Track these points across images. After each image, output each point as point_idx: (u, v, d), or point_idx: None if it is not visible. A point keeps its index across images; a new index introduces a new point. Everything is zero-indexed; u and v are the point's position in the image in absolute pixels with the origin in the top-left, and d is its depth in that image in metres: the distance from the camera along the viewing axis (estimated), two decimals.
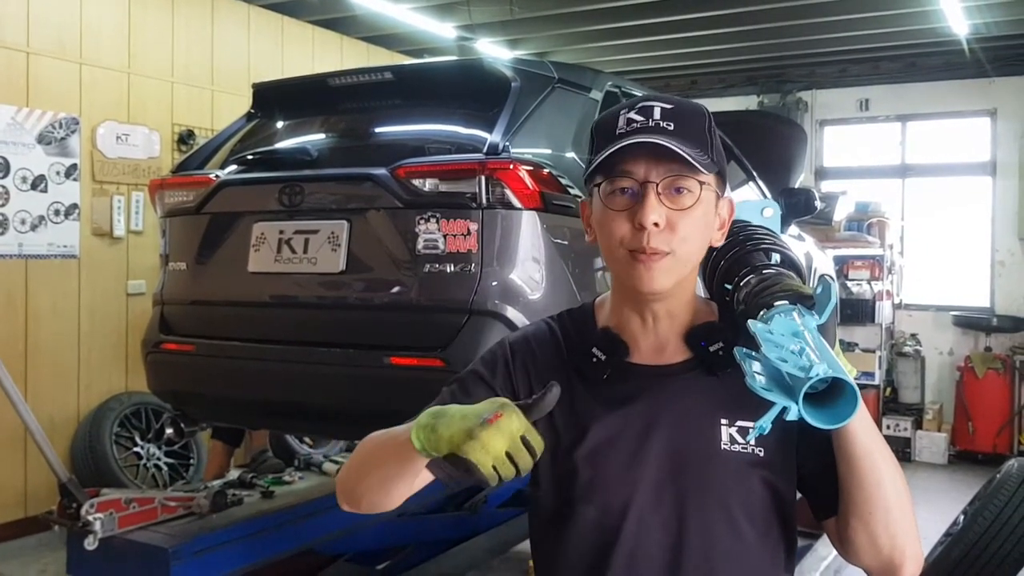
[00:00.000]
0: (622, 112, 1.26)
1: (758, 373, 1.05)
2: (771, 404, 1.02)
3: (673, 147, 1.19)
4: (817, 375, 0.99)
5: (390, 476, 1.24)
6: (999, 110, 7.82)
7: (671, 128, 1.22)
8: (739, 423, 1.23)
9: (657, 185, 1.21)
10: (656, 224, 1.20)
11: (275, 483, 3.85)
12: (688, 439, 1.25)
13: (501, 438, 1.05)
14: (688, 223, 1.22)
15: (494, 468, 1.05)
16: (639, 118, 1.23)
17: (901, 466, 1.22)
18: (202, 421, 3.55)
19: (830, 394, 1.03)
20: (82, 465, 4.92)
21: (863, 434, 1.16)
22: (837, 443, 1.17)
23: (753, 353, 1.05)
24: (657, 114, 1.23)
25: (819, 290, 1.13)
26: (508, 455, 1.06)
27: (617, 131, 1.24)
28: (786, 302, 1.13)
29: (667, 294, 1.26)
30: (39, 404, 4.82)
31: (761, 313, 1.13)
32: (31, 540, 4.73)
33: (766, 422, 1.02)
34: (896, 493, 1.18)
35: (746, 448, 1.23)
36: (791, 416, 1.01)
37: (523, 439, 1.07)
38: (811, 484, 1.28)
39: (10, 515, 4.88)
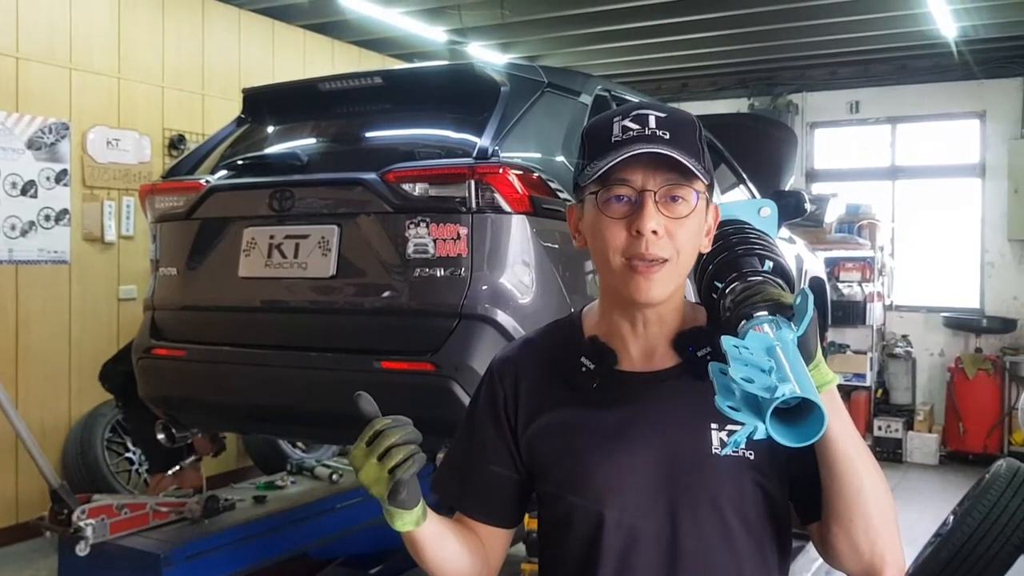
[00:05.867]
0: (615, 119, 1.25)
1: (729, 390, 1.04)
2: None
3: (677, 156, 1.20)
4: (783, 396, 0.99)
5: (423, 558, 1.31)
6: (988, 112, 7.85)
7: (667, 137, 1.22)
8: (729, 427, 1.24)
9: (655, 194, 1.22)
10: (655, 232, 1.20)
11: (268, 488, 3.85)
12: (679, 444, 1.26)
13: (365, 467, 1.20)
14: (684, 231, 1.23)
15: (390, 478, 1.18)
16: (635, 126, 1.23)
17: (893, 467, 1.23)
18: (193, 427, 3.54)
19: (802, 410, 1.03)
20: (74, 471, 4.91)
21: (843, 441, 1.17)
22: (818, 449, 1.18)
23: (726, 370, 1.05)
24: (652, 123, 1.23)
25: (798, 301, 1.11)
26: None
27: (612, 138, 1.23)
28: (765, 313, 1.12)
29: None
30: (30, 410, 4.81)
31: (741, 324, 1.13)
32: (23, 546, 4.73)
33: (740, 438, 1.03)
34: (877, 501, 1.19)
35: (736, 451, 1.23)
36: (759, 435, 1.01)
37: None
38: (797, 488, 1.29)
39: (2, 522, 4.87)
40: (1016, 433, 7.34)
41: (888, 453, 7.53)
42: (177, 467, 3.62)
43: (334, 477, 4.04)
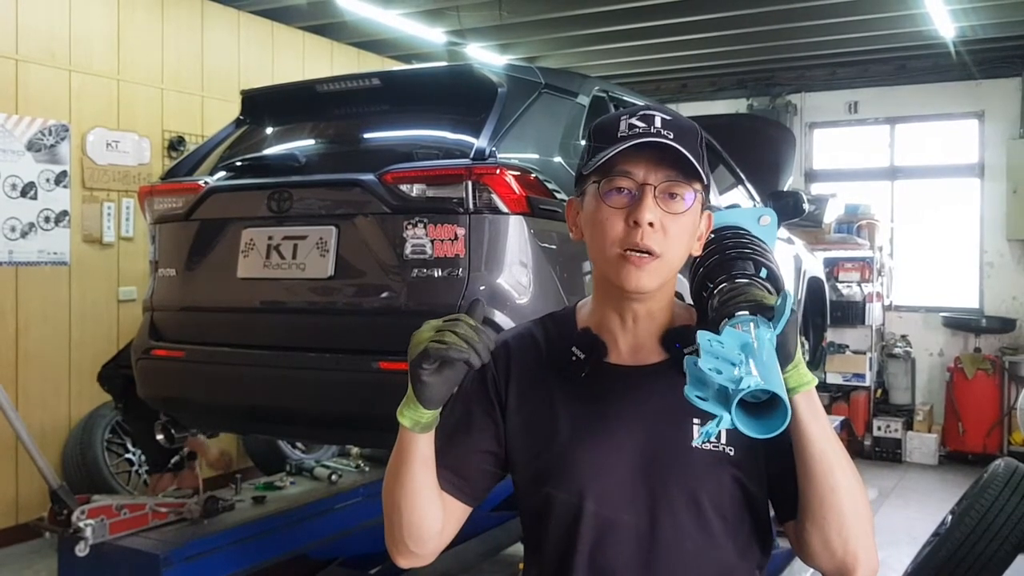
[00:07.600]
0: (623, 118, 1.31)
1: (700, 381, 1.10)
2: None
3: (679, 148, 1.25)
4: (748, 387, 1.04)
5: (404, 476, 1.30)
6: (986, 112, 7.87)
7: (671, 137, 1.27)
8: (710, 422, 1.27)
9: (655, 188, 1.26)
10: (651, 224, 1.25)
11: (267, 488, 3.85)
12: (661, 436, 1.30)
13: (425, 330, 1.24)
14: (678, 228, 1.28)
15: (434, 345, 1.20)
16: (641, 124, 1.28)
17: (892, 467, 1.26)
18: (193, 427, 3.55)
19: (770, 405, 1.09)
20: (73, 472, 4.92)
21: (820, 440, 1.21)
22: (795, 447, 1.23)
23: (698, 363, 1.10)
24: (658, 122, 1.28)
25: (778, 302, 1.17)
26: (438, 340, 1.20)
27: (619, 134, 1.29)
28: (746, 312, 1.18)
29: (650, 295, 1.31)
30: (30, 411, 4.82)
31: (723, 321, 1.18)
32: (23, 547, 4.74)
33: (712, 429, 1.09)
34: (851, 500, 1.22)
35: (717, 446, 1.28)
36: (724, 424, 1.07)
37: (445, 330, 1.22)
38: (773, 486, 1.33)
39: (1, 523, 4.88)
40: (1015, 433, 7.35)
41: (887, 453, 7.54)
42: (177, 457, 3.62)
43: (333, 478, 4.04)
